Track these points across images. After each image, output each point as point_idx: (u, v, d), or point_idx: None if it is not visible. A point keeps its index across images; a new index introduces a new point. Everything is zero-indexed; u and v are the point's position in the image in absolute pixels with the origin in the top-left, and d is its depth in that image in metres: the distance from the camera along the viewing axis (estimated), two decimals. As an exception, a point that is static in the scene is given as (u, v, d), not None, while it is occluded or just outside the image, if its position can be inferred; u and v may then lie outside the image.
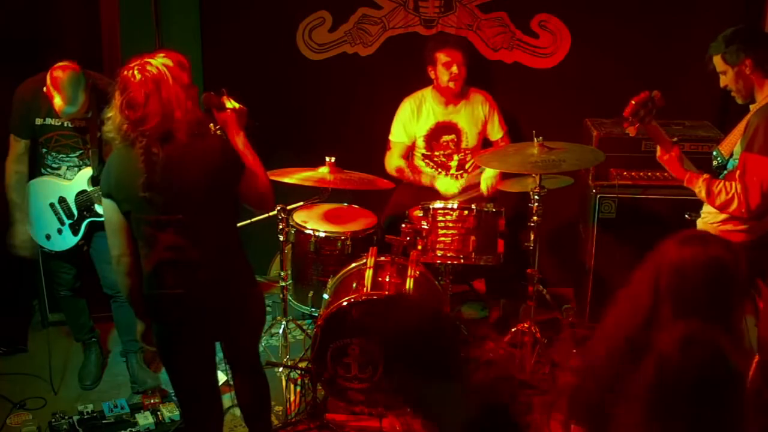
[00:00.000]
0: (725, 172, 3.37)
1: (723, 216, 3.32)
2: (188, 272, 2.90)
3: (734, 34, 3.29)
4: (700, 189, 3.31)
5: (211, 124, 3.04)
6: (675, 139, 3.48)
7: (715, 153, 3.45)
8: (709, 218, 3.41)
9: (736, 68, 3.26)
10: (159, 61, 2.78)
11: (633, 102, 3.32)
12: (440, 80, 4.48)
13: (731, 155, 3.34)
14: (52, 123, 3.80)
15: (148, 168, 2.80)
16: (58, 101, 3.62)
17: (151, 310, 3.07)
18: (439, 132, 4.57)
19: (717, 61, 3.31)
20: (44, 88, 3.65)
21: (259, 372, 3.32)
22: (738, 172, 3.22)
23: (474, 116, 4.57)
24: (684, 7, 4.67)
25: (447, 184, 4.53)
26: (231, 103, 2.99)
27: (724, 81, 3.34)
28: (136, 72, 2.76)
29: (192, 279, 2.90)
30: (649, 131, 3.41)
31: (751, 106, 3.34)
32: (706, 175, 3.34)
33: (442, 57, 4.43)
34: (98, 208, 3.89)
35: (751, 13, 4.63)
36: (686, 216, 3.64)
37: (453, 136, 4.57)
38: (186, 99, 2.79)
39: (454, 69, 4.41)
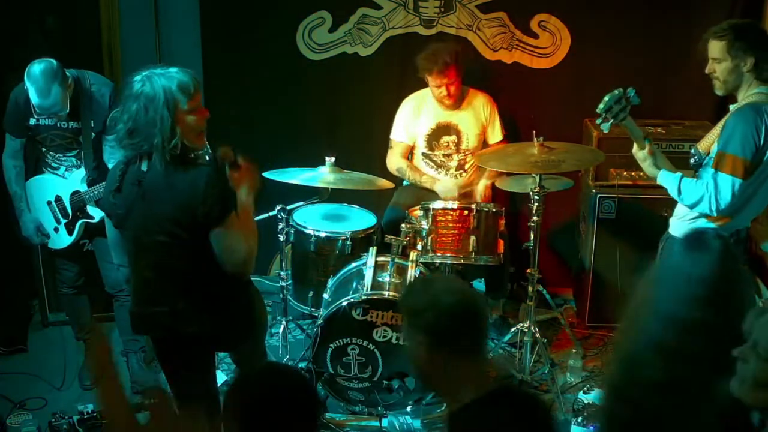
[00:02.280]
0: (701, 170, 3.37)
1: (695, 213, 3.32)
2: (168, 292, 2.87)
3: (745, 28, 3.25)
4: (672, 186, 3.29)
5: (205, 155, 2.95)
6: (648, 135, 3.47)
7: (693, 150, 3.44)
8: (680, 214, 3.43)
9: (735, 62, 3.22)
10: (160, 81, 2.70)
11: (606, 98, 3.30)
12: (433, 96, 4.48)
13: (710, 153, 3.33)
14: (46, 123, 3.80)
15: (124, 181, 2.78)
16: (32, 95, 3.62)
17: (136, 324, 3.07)
18: (439, 132, 4.55)
19: (717, 47, 3.25)
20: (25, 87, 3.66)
21: None
22: (711, 171, 3.22)
23: (475, 117, 4.55)
24: (684, 7, 4.67)
25: (446, 188, 4.48)
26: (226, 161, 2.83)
27: (712, 67, 3.29)
28: (137, 82, 2.72)
29: (172, 299, 2.87)
30: (625, 127, 3.40)
31: (731, 107, 3.34)
32: (679, 173, 3.32)
33: (431, 80, 4.39)
34: (90, 210, 3.90)
35: (751, 14, 4.62)
36: (663, 213, 3.64)
37: (453, 137, 4.55)
38: (173, 125, 2.69)
39: (443, 91, 4.38)
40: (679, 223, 3.42)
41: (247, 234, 2.79)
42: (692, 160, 3.42)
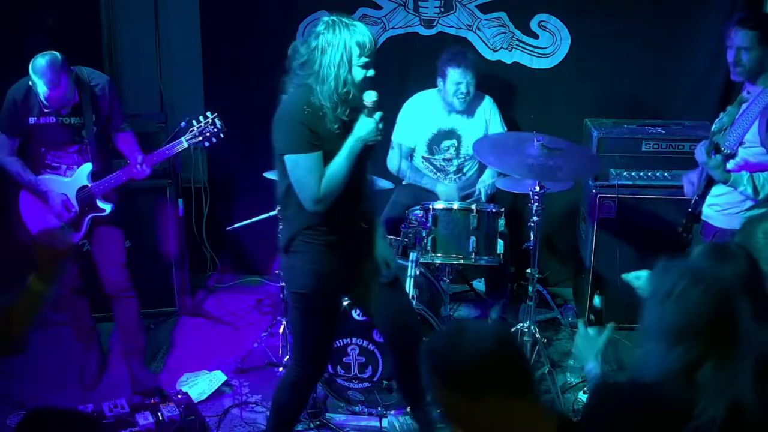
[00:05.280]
0: (733, 161, 3.41)
1: (747, 204, 3.38)
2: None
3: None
4: (745, 187, 3.32)
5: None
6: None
7: (722, 145, 3.41)
8: (733, 209, 3.45)
9: (765, 51, 3.34)
10: (343, 29, 2.91)
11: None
12: (447, 94, 4.45)
13: (742, 143, 3.37)
14: (45, 121, 3.80)
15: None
16: (42, 88, 3.61)
17: None
18: (440, 137, 4.54)
19: (747, 36, 3.33)
20: (30, 83, 3.65)
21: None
22: None
23: (477, 121, 4.54)
24: (684, 8, 4.67)
25: (448, 192, 4.47)
26: (373, 114, 3.17)
27: (739, 56, 3.37)
28: (323, 24, 2.94)
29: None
30: None
31: (746, 95, 3.42)
32: (745, 173, 3.36)
33: (453, 75, 4.36)
34: (100, 203, 3.89)
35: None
36: (689, 210, 3.63)
37: (454, 141, 4.55)
38: (347, 72, 2.94)
39: (463, 88, 4.37)
40: (729, 218, 3.45)
41: (334, 176, 3.01)
42: (724, 152, 3.43)
